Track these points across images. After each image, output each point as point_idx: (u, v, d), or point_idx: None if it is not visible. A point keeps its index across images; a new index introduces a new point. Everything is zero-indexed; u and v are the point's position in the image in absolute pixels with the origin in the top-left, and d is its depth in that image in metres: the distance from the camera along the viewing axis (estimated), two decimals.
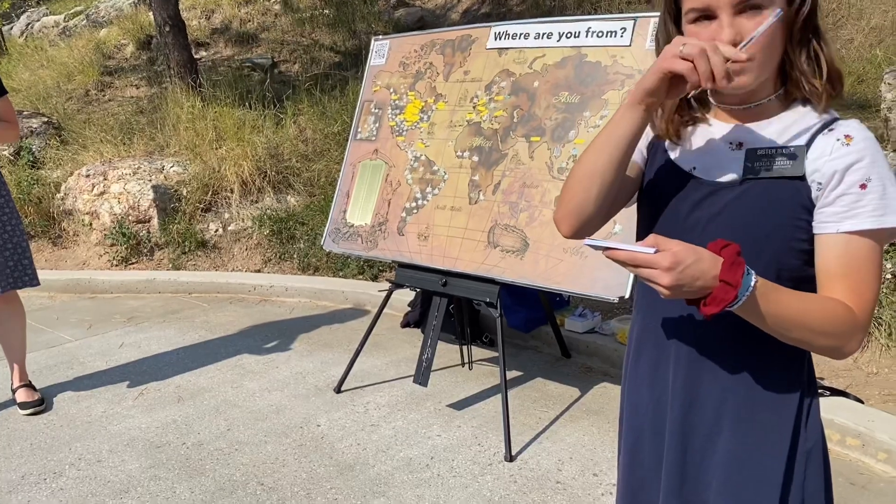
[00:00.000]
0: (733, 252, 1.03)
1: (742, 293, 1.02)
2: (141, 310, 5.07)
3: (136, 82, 9.07)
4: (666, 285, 1.00)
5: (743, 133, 1.17)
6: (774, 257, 1.12)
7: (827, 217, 1.09)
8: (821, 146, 1.10)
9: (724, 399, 1.20)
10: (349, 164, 3.92)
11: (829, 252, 1.09)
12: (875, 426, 2.96)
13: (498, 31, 3.45)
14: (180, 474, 2.94)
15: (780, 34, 1.09)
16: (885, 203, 1.06)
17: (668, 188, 1.23)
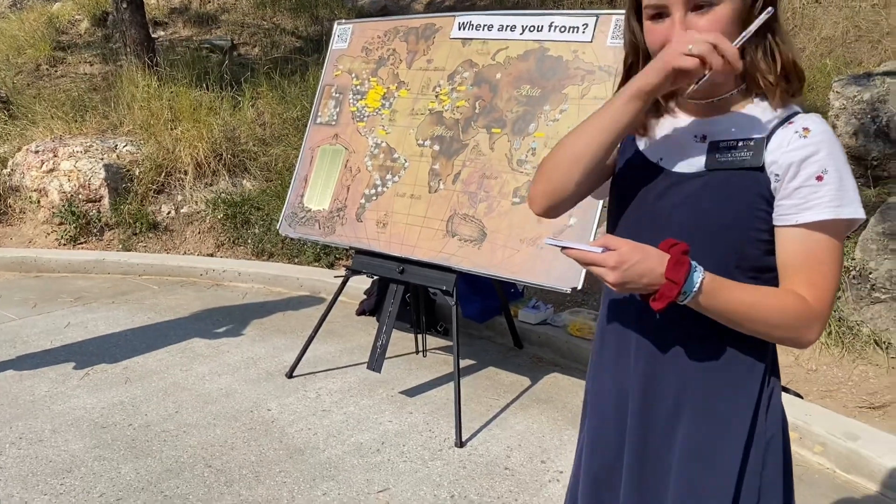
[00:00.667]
0: (679, 251, 1.07)
1: (687, 289, 1.07)
2: (89, 290, 4.96)
3: (89, 59, 8.83)
4: (611, 282, 1.08)
5: (707, 126, 1.21)
6: (735, 246, 1.15)
7: (785, 209, 1.12)
8: (779, 138, 1.13)
9: (684, 386, 1.22)
10: (308, 149, 3.89)
11: (788, 245, 1.12)
12: (812, 420, 3.07)
13: (462, 22, 3.46)
14: (126, 455, 2.90)
15: (735, 29, 1.11)
16: (841, 194, 1.09)
17: (637, 178, 1.26)
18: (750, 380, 1.20)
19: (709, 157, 1.18)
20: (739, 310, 1.09)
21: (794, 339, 1.12)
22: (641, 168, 1.26)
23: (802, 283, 1.12)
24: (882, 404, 3.37)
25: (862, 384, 3.54)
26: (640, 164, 1.26)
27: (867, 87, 4.63)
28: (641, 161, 1.26)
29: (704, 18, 1.09)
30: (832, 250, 1.11)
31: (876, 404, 3.38)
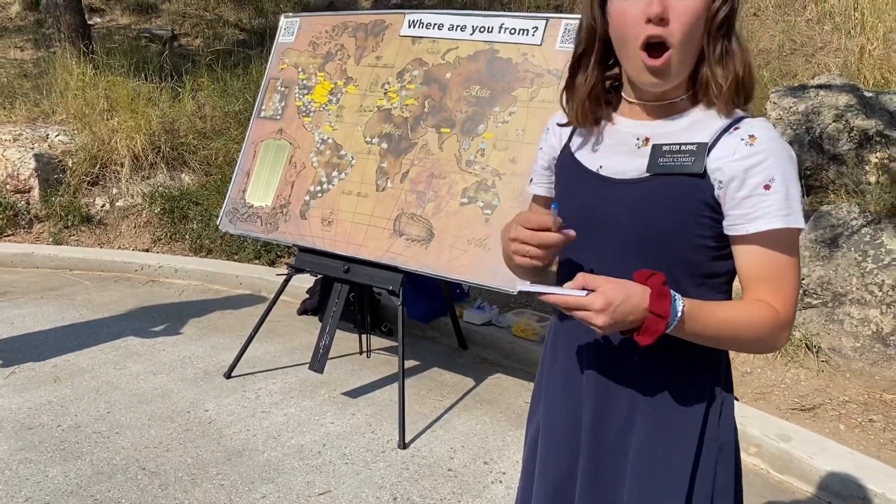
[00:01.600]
0: (659, 282, 1.06)
1: (672, 321, 1.06)
2: (16, 285, 4.74)
3: (20, 44, 8.48)
4: (601, 325, 1.04)
5: (650, 129, 1.19)
6: (679, 253, 1.14)
7: (735, 220, 1.11)
8: (724, 145, 1.11)
9: (636, 396, 1.22)
10: (251, 143, 3.80)
11: (746, 257, 1.13)
12: (747, 422, 3.14)
13: (412, 20, 3.43)
14: (54, 457, 2.77)
15: (701, 25, 1.10)
16: (788, 203, 1.09)
17: (579, 190, 1.24)
18: (701, 388, 1.21)
19: (650, 161, 1.16)
20: (718, 329, 1.10)
21: (766, 348, 1.13)
22: (583, 179, 1.24)
23: (768, 293, 1.12)
24: (812, 406, 3.48)
25: (794, 387, 3.65)
26: (581, 176, 1.25)
27: (802, 98, 4.78)
28: (582, 172, 1.25)
29: (682, 3, 1.08)
30: (790, 258, 1.12)
31: (807, 406, 3.49)
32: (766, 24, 7.09)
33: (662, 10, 1.08)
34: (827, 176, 4.62)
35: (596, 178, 1.22)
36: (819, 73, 6.01)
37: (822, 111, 4.63)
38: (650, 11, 1.08)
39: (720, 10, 1.10)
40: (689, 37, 1.10)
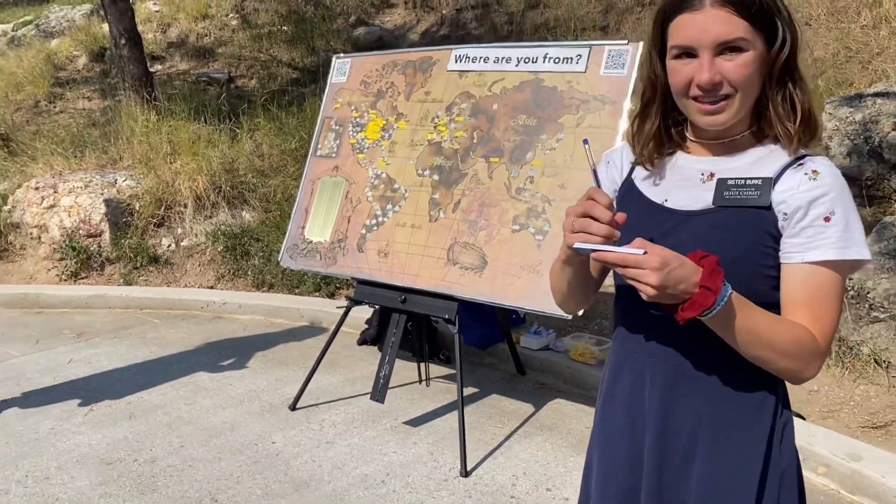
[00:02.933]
0: (713, 261, 1.09)
1: (719, 300, 1.08)
2: (90, 325, 4.97)
3: (88, 94, 8.92)
4: (654, 284, 1.05)
5: (715, 165, 1.24)
6: (744, 282, 1.17)
7: (792, 247, 1.15)
8: (789, 179, 1.16)
9: (699, 422, 1.24)
10: (309, 181, 3.93)
11: (794, 281, 1.15)
12: (815, 441, 3.08)
13: (458, 54, 3.52)
14: (132, 491, 2.90)
15: (758, 74, 1.14)
16: (847, 236, 1.12)
17: (641, 221, 1.27)
18: (762, 412, 1.21)
19: (716, 195, 1.20)
20: (757, 331, 1.11)
21: (797, 371, 1.14)
22: (646, 210, 1.28)
23: (807, 318, 1.14)
24: (884, 424, 3.38)
25: (863, 404, 3.55)
26: (643, 207, 1.29)
27: (859, 108, 4.69)
28: (645, 203, 1.29)
29: (732, 63, 1.12)
30: (836, 289, 1.14)
31: (878, 424, 3.39)
32: (819, 33, 6.97)
33: (712, 78, 1.13)
34: (889, 185, 4.51)
35: (662, 210, 1.26)
36: (876, 80, 5.88)
37: (880, 119, 4.53)
38: (699, 80, 1.14)
39: (779, 55, 1.14)
40: (744, 90, 1.15)
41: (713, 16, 1.11)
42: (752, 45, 1.12)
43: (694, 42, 1.13)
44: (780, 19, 1.14)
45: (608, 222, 1.12)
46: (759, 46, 1.13)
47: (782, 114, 1.16)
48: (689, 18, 1.13)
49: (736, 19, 1.11)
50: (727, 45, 1.12)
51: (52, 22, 13.19)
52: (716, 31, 1.11)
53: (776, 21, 1.13)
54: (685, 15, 1.14)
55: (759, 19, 1.12)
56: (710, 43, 1.12)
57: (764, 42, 1.14)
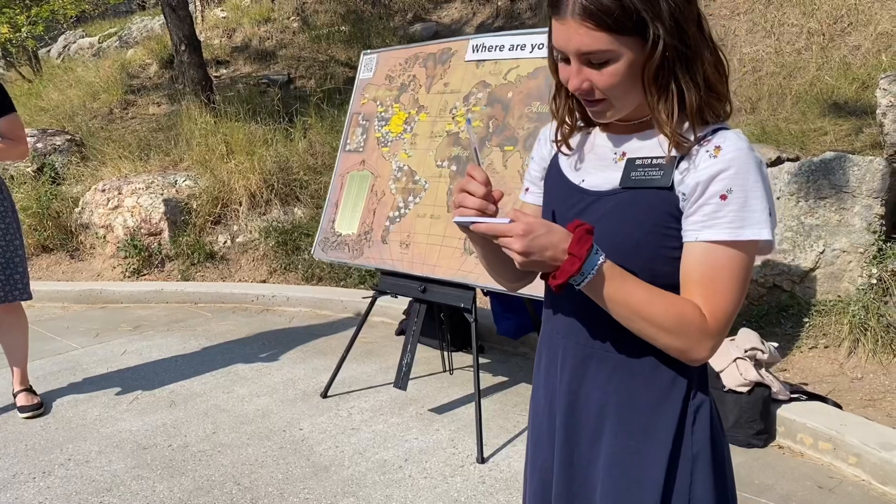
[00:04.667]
0: (583, 230, 1.09)
1: (587, 269, 1.08)
2: (147, 319, 5.22)
3: (157, 100, 9.34)
4: (518, 250, 1.07)
5: (627, 145, 1.23)
6: (647, 263, 1.17)
7: (689, 226, 1.13)
8: (691, 157, 1.13)
9: (606, 401, 1.23)
10: (338, 175, 4.02)
11: (689, 259, 1.13)
12: (847, 430, 2.95)
13: (475, 44, 3.53)
14: (162, 474, 3.05)
15: (633, 76, 1.10)
16: (743, 215, 1.09)
17: (560, 200, 1.29)
18: (672, 394, 1.20)
19: (624, 175, 1.20)
20: (631, 302, 1.10)
21: (683, 350, 1.11)
22: (565, 190, 1.29)
23: (700, 297, 1.12)
24: None
25: None
26: (563, 187, 1.29)
27: None
28: (565, 183, 1.29)
29: (598, 73, 1.11)
30: (733, 269, 1.11)
31: None
32: (887, 5, 6.61)
33: (578, 86, 1.13)
34: None
35: (577, 191, 1.26)
36: None
37: None
38: (572, 86, 1.14)
39: (650, 60, 1.09)
40: (616, 97, 1.13)
41: (574, 28, 1.07)
42: (619, 54, 1.08)
43: (562, 49, 1.12)
44: (657, 19, 1.06)
45: (482, 196, 1.14)
46: (630, 52, 1.08)
47: (662, 119, 1.12)
48: (557, 26, 1.11)
49: (596, 33, 1.06)
50: (588, 56, 1.09)
51: (133, 33, 13.85)
52: (576, 43, 1.08)
53: (647, 23, 1.06)
54: (555, 21, 1.12)
55: (625, 27, 1.06)
56: (573, 53, 1.10)
57: (638, 43, 1.09)
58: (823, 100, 5.61)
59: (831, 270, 3.92)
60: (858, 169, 3.86)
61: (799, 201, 4.01)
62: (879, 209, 3.80)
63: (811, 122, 5.36)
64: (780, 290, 4.08)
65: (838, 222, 3.89)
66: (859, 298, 3.73)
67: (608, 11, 1.05)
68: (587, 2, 1.05)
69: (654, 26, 1.06)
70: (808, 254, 3.97)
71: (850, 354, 3.69)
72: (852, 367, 3.63)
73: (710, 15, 7.47)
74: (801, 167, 4.04)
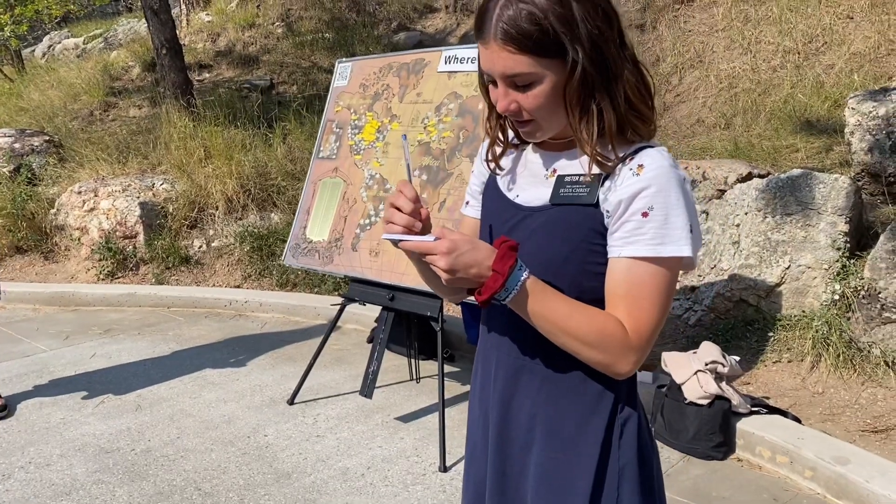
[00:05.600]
0: (507, 246, 1.11)
1: (510, 285, 1.10)
2: (119, 322, 5.20)
3: (139, 103, 9.31)
4: (443, 268, 1.09)
5: (558, 161, 1.25)
6: (574, 278, 1.19)
7: (613, 242, 1.16)
8: (616, 176, 1.16)
9: (535, 413, 1.25)
10: (311, 182, 4.04)
11: (613, 274, 1.16)
12: (804, 444, 2.99)
13: (448, 56, 3.56)
14: (123, 479, 3.04)
15: (557, 96, 1.13)
16: (664, 232, 1.11)
17: (496, 215, 1.32)
18: (599, 407, 1.22)
19: (553, 192, 1.22)
20: (554, 318, 1.12)
21: (607, 364, 1.14)
22: (501, 205, 1.31)
23: (622, 312, 1.14)
24: (885, 428, 3.26)
25: (868, 407, 3.43)
26: (499, 202, 1.32)
27: (882, 102, 4.52)
28: (499, 198, 1.32)
29: (523, 95, 1.13)
30: (655, 284, 1.13)
31: (879, 428, 3.27)
32: (861, 26, 6.72)
33: (506, 108, 1.16)
34: None
35: (511, 206, 1.29)
36: None
37: None
38: (500, 108, 1.17)
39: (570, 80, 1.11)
40: (542, 117, 1.16)
41: (496, 51, 1.10)
42: (542, 76, 1.11)
43: (488, 72, 1.15)
44: (575, 41, 1.08)
45: (409, 212, 1.16)
46: (553, 75, 1.11)
47: (584, 138, 1.14)
48: (483, 49, 1.14)
49: (518, 56, 1.09)
50: (513, 79, 1.12)
51: (119, 35, 13.81)
52: (500, 66, 1.11)
53: (566, 46, 1.08)
54: (480, 45, 1.14)
55: (546, 49, 1.08)
56: (499, 76, 1.13)
57: (560, 64, 1.11)
58: (796, 117, 5.69)
59: (796, 286, 3.98)
60: (824, 186, 3.92)
61: (766, 217, 4.06)
62: (843, 226, 3.86)
63: (784, 138, 5.44)
64: (745, 305, 4.13)
65: (804, 238, 3.95)
66: (822, 314, 3.78)
67: (528, 35, 1.07)
68: (507, 26, 1.08)
69: (572, 49, 1.09)
70: (774, 269, 4.02)
71: (812, 369, 3.73)
72: (814, 382, 3.67)
73: (690, 31, 7.57)
74: (769, 183, 4.10)
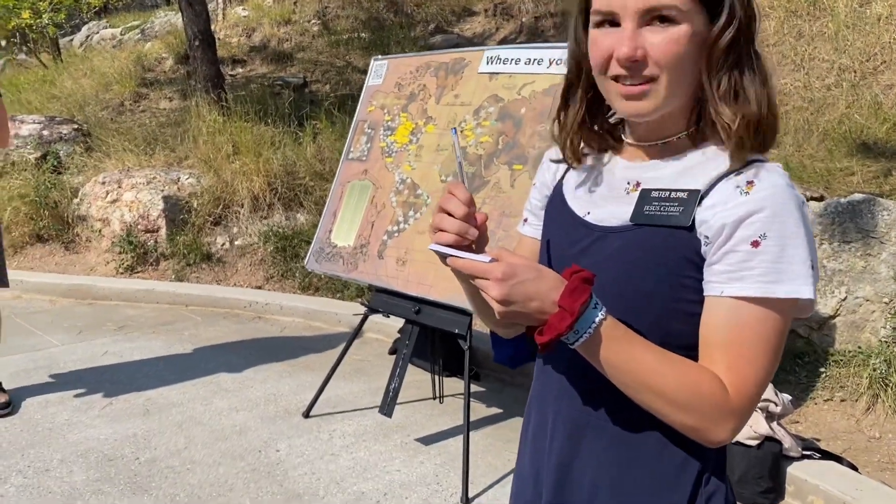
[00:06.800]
0: (579, 278, 0.88)
1: (581, 327, 0.88)
2: (135, 319, 5.04)
3: (170, 95, 9.21)
4: (496, 297, 0.88)
5: (643, 172, 1.03)
6: (658, 319, 0.96)
7: (712, 276, 0.93)
8: (718, 194, 0.93)
9: (599, 481, 1.03)
10: (339, 184, 3.84)
11: (711, 317, 0.93)
12: (862, 496, 2.72)
13: (490, 56, 3.34)
14: (124, 490, 2.85)
15: (693, 56, 0.92)
16: (779, 267, 0.89)
17: (562, 235, 1.09)
18: (681, 478, 0.99)
19: (636, 209, 0.99)
20: (637, 370, 0.90)
21: (698, 429, 0.91)
22: (568, 223, 1.09)
23: (722, 366, 0.91)
24: None
25: None
26: (566, 219, 1.09)
27: None
28: (567, 215, 1.09)
29: (659, 36, 0.91)
30: (764, 333, 0.90)
31: None
32: None
33: (632, 53, 0.92)
34: None
35: (581, 225, 1.06)
36: None
37: None
38: (618, 53, 0.93)
39: (722, 35, 0.92)
40: (671, 72, 0.93)
41: None
42: (689, 18, 0.90)
43: (617, 6, 0.92)
44: None
45: (462, 217, 0.94)
46: (697, 22, 0.91)
47: (724, 109, 0.92)
48: None
49: None
50: (656, 12, 0.90)
51: (155, 27, 13.79)
52: None
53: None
54: None
55: None
56: (636, 8, 0.90)
57: (706, 19, 0.92)
58: (852, 139, 5.39)
59: (852, 319, 3.70)
60: (888, 214, 3.64)
61: (822, 244, 3.79)
62: None
63: (838, 160, 5.15)
64: (795, 336, 3.85)
65: (863, 269, 3.67)
66: (881, 351, 3.50)
67: None
68: None
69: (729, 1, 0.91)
70: (828, 300, 3.74)
71: (868, 411, 3.45)
72: (870, 425, 3.39)
73: None
74: (827, 208, 3.82)
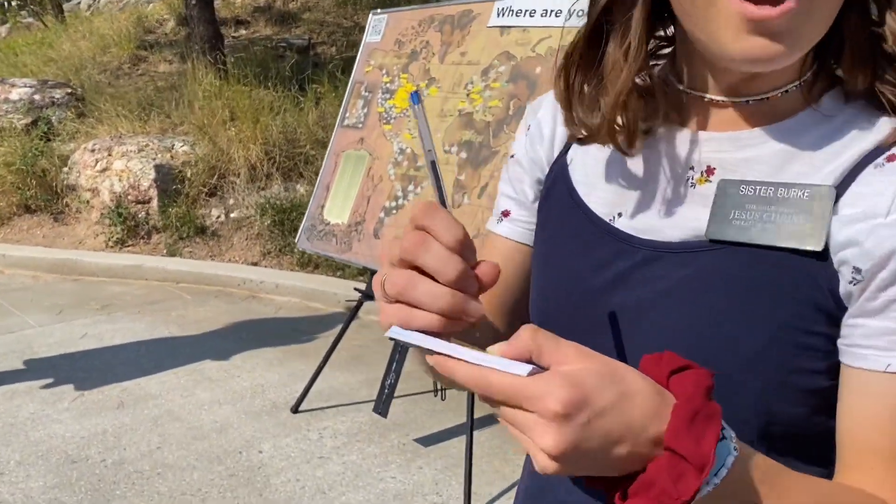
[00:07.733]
0: (700, 392, 0.46)
1: (711, 478, 0.45)
2: (121, 297, 4.72)
3: (170, 58, 8.81)
4: (551, 450, 0.43)
5: (721, 149, 0.61)
6: (762, 397, 0.57)
7: (863, 336, 0.53)
8: (869, 192, 0.54)
9: None
10: (332, 154, 3.47)
11: (867, 405, 0.54)
12: None
13: (501, 7, 2.93)
14: (84, 498, 2.54)
15: None
16: None
17: (574, 251, 0.68)
18: None
19: (715, 215, 0.59)
20: None
21: None
22: (584, 232, 0.67)
23: (888, 479, 0.53)
24: None
25: None
26: (580, 225, 0.68)
27: None
28: (583, 219, 0.68)
29: None
30: None
31: None
32: None
33: None
34: None
35: (608, 236, 0.66)
36: None
37: None
38: None
39: None
40: None
41: None
42: None
43: None
44: None
45: (453, 280, 0.50)
46: None
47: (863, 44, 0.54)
48: None
49: None
50: None
51: None
52: None
53: None
54: None
55: None
56: None
57: None
58: None
59: None
60: None
61: None
62: None
63: None
64: None
65: None
66: None
67: None
68: None
69: None
70: None
71: None
72: None
73: None
74: None
